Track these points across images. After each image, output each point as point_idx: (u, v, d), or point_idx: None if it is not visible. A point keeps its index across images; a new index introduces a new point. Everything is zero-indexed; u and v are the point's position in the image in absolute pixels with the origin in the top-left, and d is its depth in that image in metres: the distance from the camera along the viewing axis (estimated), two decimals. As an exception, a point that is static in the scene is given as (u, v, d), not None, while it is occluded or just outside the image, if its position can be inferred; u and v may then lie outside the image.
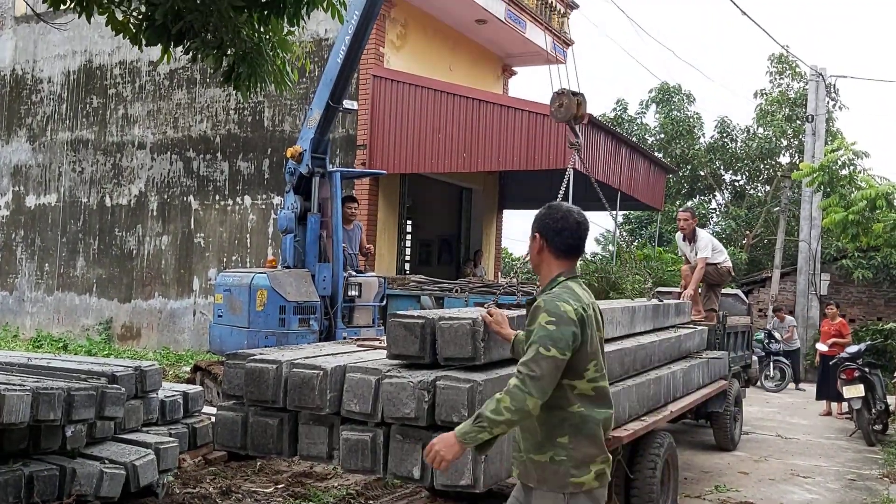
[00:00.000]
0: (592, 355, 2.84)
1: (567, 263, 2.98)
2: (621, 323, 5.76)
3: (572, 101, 7.73)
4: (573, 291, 2.87)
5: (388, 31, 13.53)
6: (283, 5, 4.73)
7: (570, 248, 2.97)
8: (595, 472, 2.83)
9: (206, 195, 14.62)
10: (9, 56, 17.38)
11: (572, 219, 2.96)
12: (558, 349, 2.71)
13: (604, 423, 2.88)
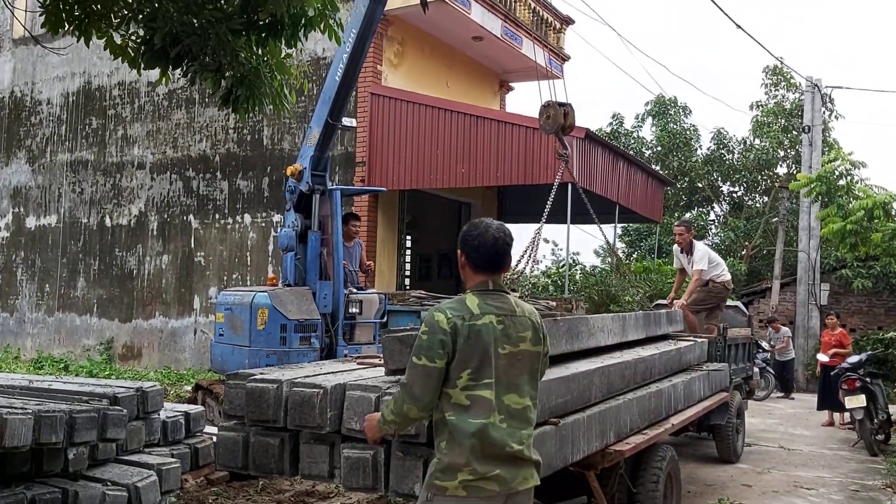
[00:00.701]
0: (466, 364, 2.88)
1: (484, 277, 3.04)
2: (613, 331, 5.79)
3: (559, 112, 7.79)
4: (462, 302, 2.97)
5: (385, 49, 13.62)
6: (280, 28, 4.78)
7: (486, 263, 3.03)
8: (461, 482, 2.84)
9: (205, 214, 14.66)
10: (7, 78, 17.47)
11: (489, 235, 3.03)
12: (427, 357, 2.87)
13: (478, 434, 2.84)
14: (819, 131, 19.05)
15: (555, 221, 16.58)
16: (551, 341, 4.58)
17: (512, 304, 3.03)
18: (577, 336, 5.04)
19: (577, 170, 12.05)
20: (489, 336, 2.91)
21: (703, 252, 9.17)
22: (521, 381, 2.97)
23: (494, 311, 2.96)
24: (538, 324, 3.06)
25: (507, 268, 3.13)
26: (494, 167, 12.65)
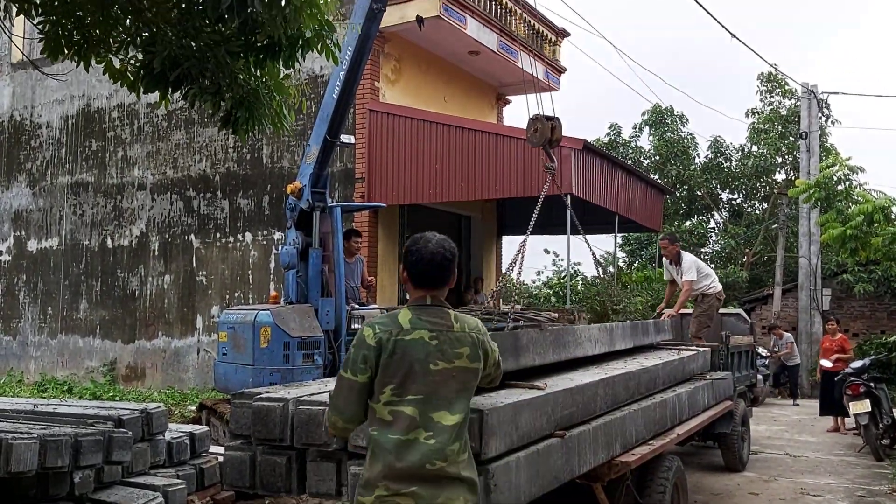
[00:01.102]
0: (390, 380, 2.88)
1: (422, 292, 3.04)
2: (600, 341, 5.82)
3: (546, 126, 7.87)
4: (394, 317, 2.98)
5: (382, 65, 13.69)
6: (278, 49, 4.82)
7: (422, 278, 3.04)
8: (377, 497, 2.81)
9: (207, 233, 14.70)
10: (6, 103, 17.55)
11: (428, 250, 3.02)
12: (350, 371, 2.93)
13: (396, 450, 2.83)
14: (816, 137, 19.11)
15: (556, 232, 16.65)
16: (537, 351, 4.62)
17: (450, 319, 3.00)
18: (563, 346, 5.06)
19: (576, 181, 12.09)
20: (419, 352, 2.90)
21: (691, 263, 9.26)
22: (454, 398, 2.92)
23: (427, 327, 2.94)
24: (479, 340, 3.02)
25: (451, 283, 3.10)
26: (493, 180, 12.69)
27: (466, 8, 13.70)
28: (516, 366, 4.30)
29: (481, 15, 14.15)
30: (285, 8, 4.56)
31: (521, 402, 3.80)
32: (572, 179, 11.92)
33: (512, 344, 4.31)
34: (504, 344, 4.20)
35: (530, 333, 4.68)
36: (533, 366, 4.61)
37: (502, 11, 14.97)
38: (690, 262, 9.25)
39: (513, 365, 4.24)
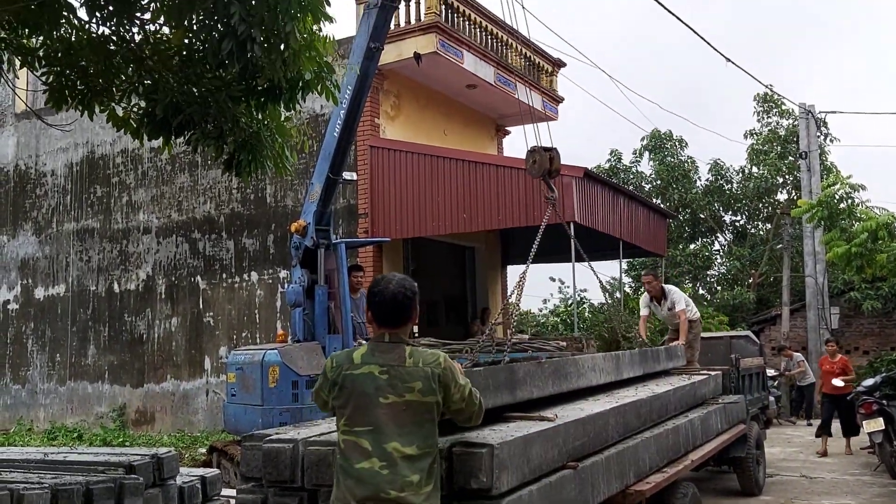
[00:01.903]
0: (342, 410, 3.14)
1: (383, 330, 3.22)
2: (605, 370, 5.79)
3: (545, 157, 7.98)
4: (349, 353, 3.22)
5: (381, 102, 13.82)
6: (279, 92, 4.89)
7: (383, 316, 3.21)
8: None
9: (213, 274, 14.75)
10: (11, 153, 17.72)
11: (388, 291, 3.20)
12: (315, 397, 3.36)
13: (354, 477, 3.04)
14: (816, 156, 19.18)
15: (561, 260, 16.65)
16: (536, 383, 4.61)
17: (404, 355, 3.13)
18: (565, 378, 5.04)
19: (579, 209, 12.13)
20: (369, 385, 3.08)
21: (677, 292, 9.49)
22: (407, 431, 3.05)
23: (379, 362, 3.11)
24: (433, 374, 3.11)
25: (412, 320, 3.26)
26: (495, 211, 12.74)
27: (463, 43, 13.86)
28: (512, 399, 4.29)
29: (477, 49, 14.30)
30: (285, 52, 4.63)
31: (532, 435, 3.79)
32: (575, 207, 11.96)
33: (507, 378, 4.31)
34: (498, 378, 4.20)
35: (526, 367, 4.67)
36: (540, 397, 4.60)
37: (498, 45, 15.14)
38: (678, 293, 9.50)
39: (509, 398, 4.24)
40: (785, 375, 16.36)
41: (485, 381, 4.07)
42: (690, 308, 9.46)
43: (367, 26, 8.79)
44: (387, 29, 9.16)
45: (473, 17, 14.34)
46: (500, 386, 4.19)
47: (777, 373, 16.06)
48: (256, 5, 4.38)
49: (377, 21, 8.72)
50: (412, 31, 13.29)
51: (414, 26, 13.33)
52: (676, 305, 9.24)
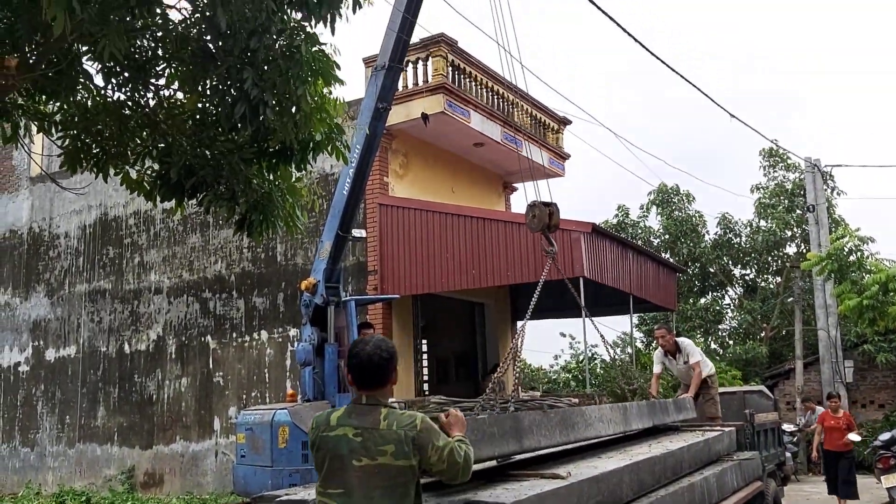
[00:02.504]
0: (319, 470, 3.19)
1: (361, 392, 3.24)
2: (613, 421, 5.73)
3: (544, 212, 8.07)
4: (328, 414, 3.26)
5: (390, 161, 14.01)
6: (290, 153, 4.99)
7: (359, 379, 3.24)
8: None
9: (223, 334, 14.76)
10: (25, 216, 17.96)
11: (364, 353, 3.23)
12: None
13: None
14: (823, 209, 19.21)
15: (571, 315, 16.61)
16: (542, 433, 4.57)
17: (379, 417, 3.14)
18: (571, 427, 5.00)
19: (587, 264, 12.16)
20: (343, 448, 3.12)
21: (692, 346, 9.38)
22: (379, 494, 3.06)
23: (353, 424, 3.15)
24: (408, 437, 3.10)
25: (391, 381, 3.28)
26: (504, 266, 12.78)
27: (469, 103, 14.09)
28: (519, 448, 4.26)
29: (484, 108, 14.53)
30: (296, 114, 4.74)
31: (545, 494, 3.75)
32: (583, 262, 12.00)
33: (513, 426, 4.28)
34: (504, 426, 4.18)
35: (532, 415, 4.65)
36: (549, 450, 4.56)
37: (504, 104, 15.38)
38: (691, 346, 9.38)
39: (515, 447, 4.21)
40: (804, 431, 16.05)
41: (489, 430, 4.05)
42: (705, 362, 9.36)
43: (375, 87, 8.96)
44: (394, 90, 9.33)
45: (480, 77, 14.60)
46: (506, 434, 4.17)
47: (794, 427, 15.77)
48: (269, 70, 4.50)
49: (385, 82, 8.90)
50: (420, 92, 13.54)
51: (422, 87, 13.58)
52: (691, 358, 9.16)
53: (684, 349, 9.28)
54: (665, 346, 9.46)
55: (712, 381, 9.29)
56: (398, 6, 8.48)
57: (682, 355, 9.26)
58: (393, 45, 8.75)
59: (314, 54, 4.75)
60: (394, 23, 8.60)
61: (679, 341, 9.43)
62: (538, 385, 25.19)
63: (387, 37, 8.88)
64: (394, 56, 8.82)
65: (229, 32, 4.45)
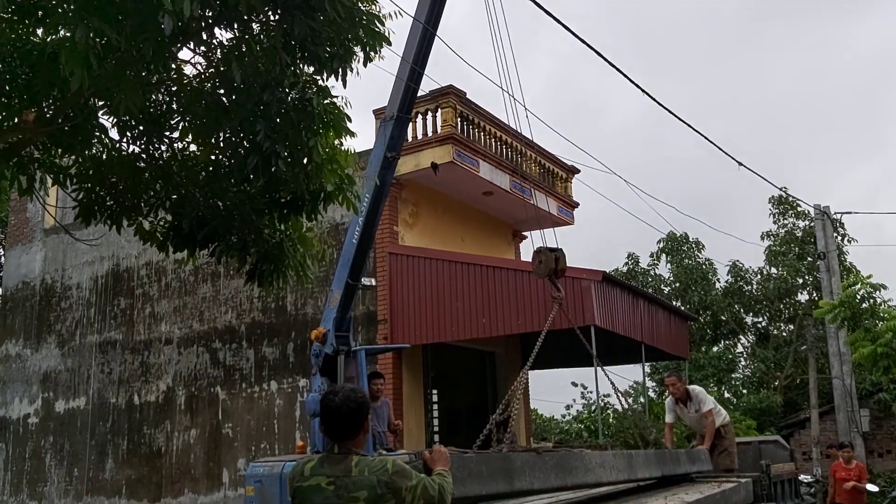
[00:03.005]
0: None
1: (333, 441, 3.30)
2: (615, 468, 5.65)
3: (550, 258, 8.09)
4: (302, 464, 3.31)
5: (400, 210, 14.09)
6: (301, 204, 5.04)
7: (330, 429, 3.31)
8: None
9: (232, 384, 14.71)
10: (38, 267, 18.09)
11: (333, 404, 3.29)
12: None
13: None
14: (834, 256, 19.14)
15: (583, 364, 16.48)
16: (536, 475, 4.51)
17: (350, 465, 3.20)
18: (568, 472, 4.93)
19: (598, 312, 12.12)
20: (317, 497, 3.17)
21: (703, 393, 9.21)
22: None
23: (326, 473, 3.20)
24: (381, 481, 3.15)
25: (362, 431, 3.32)
26: (515, 315, 12.74)
27: (478, 152, 14.22)
28: (510, 488, 4.20)
29: (493, 158, 14.65)
30: (308, 166, 4.80)
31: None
32: (594, 311, 11.96)
33: (503, 466, 4.23)
34: (493, 466, 4.12)
35: (525, 456, 4.60)
36: (551, 501, 4.49)
37: (513, 154, 15.51)
38: (703, 394, 9.20)
39: (505, 488, 4.15)
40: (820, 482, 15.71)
41: (477, 468, 4.00)
42: (718, 410, 9.21)
43: (383, 137, 9.08)
44: (402, 139, 9.45)
45: (488, 127, 14.76)
46: (495, 474, 4.11)
47: (812, 478, 15.44)
48: (281, 122, 4.58)
49: (393, 132, 9.02)
50: (430, 143, 13.68)
51: (431, 138, 13.72)
52: (703, 406, 8.99)
53: (696, 397, 9.12)
54: (676, 395, 9.32)
55: (726, 430, 9.11)
56: (406, 58, 8.63)
57: (694, 403, 9.09)
58: (401, 97, 8.89)
59: (326, 107, 4.84)
60: (402, 74, 8.75)
61: (690, 389, 9.28)
62: (550, 436, 24.89)
63: (395, 88, 9.03)
64: (402, 107, 8.95)
65: (243, 86, 4.55)
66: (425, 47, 8.57)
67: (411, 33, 8.62)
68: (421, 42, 8.50)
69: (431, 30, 8.38)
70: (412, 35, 8.60)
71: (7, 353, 18.24)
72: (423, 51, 8.59)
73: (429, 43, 8.53)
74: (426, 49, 8.61)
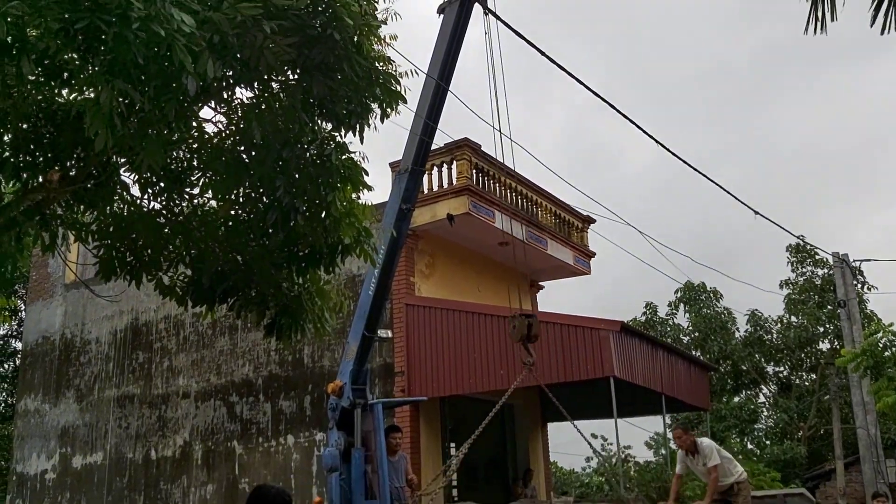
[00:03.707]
0: None
1: None
2: None
3: (523, 323, 8.25)
4: None
5: (416, 261, 14.15)
6: (319, 257, 5.09)
7: None
8: None
9: (249, 438, 14.63)
10: (58, 322, 18.22)
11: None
12: None
13: None
14: (855, 304, 18.94)
15: (602, 416, 16.27)
16: None
17: None
18: None
19: (617, 363, 12.03)
20: None
21: (712, 447, 9.01)
22: None
23: None
24: None
25: None
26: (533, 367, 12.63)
27: (494, 204, 14.30)
28: None
29: (508, 209, 14.73)
30: (326, 220, 4.87)
31: None
32: (613, 362, 11.87)
33: None
34: None
35: None
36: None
37: (528, 204, 15.59)
38: (711, 447, 9.00)
39: None
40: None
41: None
42: (732, 467, 8.96)
43: (398, 190, 9.19)
44: (417, 191, 9.56)
45: (503, 179, 14.88)
46: None
47: None
48: (300, 178, 4.66)
49: (408, 184, 9.14)
50: (445, 194, 13.79)
51: (447, 189, 13.84)
52: (708, 461, 8.79)
53: (702, 451, 8.91)
54: (682, 447, 9.14)
55: (740, 487, 8.83)
56: (420, 113, 8.77)
57: (701, 457, 8.92)
58: (415, 150, 9.03)
59: (344, 162, 4.93)
60: (416, 128, 8.89)
61: (698, 441, 9.06)
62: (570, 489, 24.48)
63: (409, 142, 9.18)
64: (416, 160, 9.09)
65: (263, 143, 4.65)
66: (438, 102, 8.71)
67: (425, 88, 8.77)
68: (434, 97, 8.64)
69: (444, 85, 8.53)
70: (425, 90, 8.75)
71: (26, 408, 18.28)
72: (436, 105, 8.73)
73: (441, 98, 8.67)
74: (439, 104, 8.74)
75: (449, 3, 8.67)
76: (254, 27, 4.13)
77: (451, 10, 8.62)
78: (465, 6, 8.52)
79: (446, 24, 8.64)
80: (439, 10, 8.81)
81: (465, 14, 8.55)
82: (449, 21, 8.61)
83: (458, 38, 8.58)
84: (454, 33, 8.52)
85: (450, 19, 8.60)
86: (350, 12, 4.51)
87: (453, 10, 8.58)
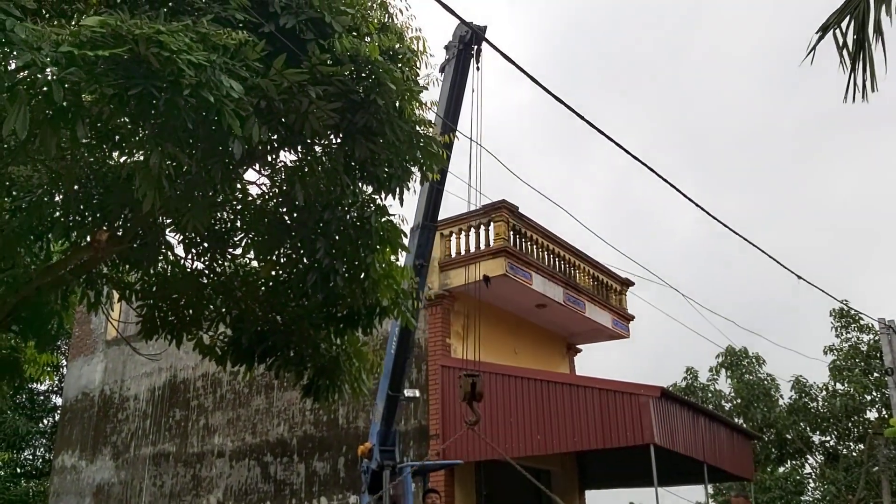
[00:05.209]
0: None
1: None
2: None
3: (467, 382, 8.27)
4: None
5: (452, 322, 14.09)
6: (357, 318, 5.11)
7: None
8: None
9: (282, 499, 14.50)
10: (98, 378, 18.42)
11: None
12: None
13: None
14: (904, 371, 18.41)
15: (641, 484, 15.84)
16: None
17: None
18: None
19: (657, 430, 11.75)
20: None
21: None
22: None
23: None
24: None
25: None
26: (570, 432, 12.42)
27: (531, 265, 14.27)
28: None
29: (545, 270, 14.68)
30: (365, 281, 4.90)
31: None
32: (653, 429, 11.61)
33: None
34: None
35: None
36: None
37: (566, 266, 15.53)
38: None
39: None
40: None
41: None
42: None
43: (412, 246, 9.35)
44: (430, 247, 9.84)
45: (540, 241, 14.87)
46: None
47: None
48: (340, 240, 4.71)
49: (420, 240, 9.33)
50: (482, 256, 13.80)
51: (484, 251, 13.86)
52: None
53: None
54: None
55: None
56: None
57: None
58: (424, 208, 9.34)
59: (383, 224, 4.98)
60: (424, 189, 9.21)
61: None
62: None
63: (420, 198, 9.57)
64: (426, 215, 9.39)
65: (305, 205, 4.72)
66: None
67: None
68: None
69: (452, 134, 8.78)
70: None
71: (63, 464, 18.38)
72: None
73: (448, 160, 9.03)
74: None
75: (448, 61, 9.06)
76: (299, 93, 4.24)
77: (450, 66, 9.05)
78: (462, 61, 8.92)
79: (446, 81, 9.03)
80: (441, 68, 9.19)
81: (463, 69, 8.95)
82: (448, 76, 9.01)
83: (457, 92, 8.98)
84: (454, 84, 8.94)
85: (449, 74, 9.00)
86: (393, 78, 4.62)
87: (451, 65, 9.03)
